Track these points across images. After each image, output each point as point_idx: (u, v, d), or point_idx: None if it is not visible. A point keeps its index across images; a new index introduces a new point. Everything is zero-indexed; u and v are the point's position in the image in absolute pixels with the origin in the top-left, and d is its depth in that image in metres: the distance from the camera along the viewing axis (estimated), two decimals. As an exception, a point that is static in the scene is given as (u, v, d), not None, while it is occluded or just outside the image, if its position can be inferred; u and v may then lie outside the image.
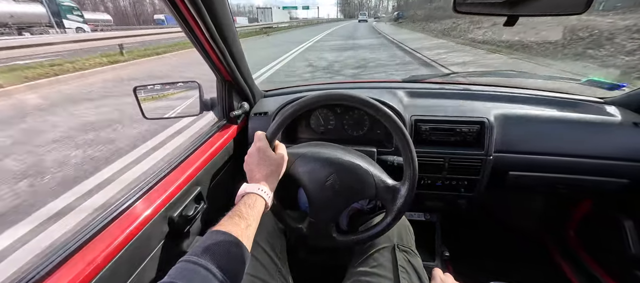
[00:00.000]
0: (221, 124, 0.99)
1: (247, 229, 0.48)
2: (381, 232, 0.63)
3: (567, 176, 0.93)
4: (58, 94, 5.42)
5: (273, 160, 0.60)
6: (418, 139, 0.95)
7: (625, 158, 0.89)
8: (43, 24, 11.72)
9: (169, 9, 0.60)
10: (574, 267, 1.21)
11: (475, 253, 1.28)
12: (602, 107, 1.02)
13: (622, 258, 1.03)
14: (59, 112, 4.30)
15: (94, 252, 0.50)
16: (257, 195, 0.54)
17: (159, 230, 0.65)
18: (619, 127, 0.90)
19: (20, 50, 6.12)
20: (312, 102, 0.63)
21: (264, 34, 18.18)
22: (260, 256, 0.68)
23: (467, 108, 0.98)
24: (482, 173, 0.94)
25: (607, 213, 1.11)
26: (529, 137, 0.93)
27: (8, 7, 10.82)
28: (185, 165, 0.78)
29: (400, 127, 0.59)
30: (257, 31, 19.16)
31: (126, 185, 2.30)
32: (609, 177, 0.91)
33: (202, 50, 0.76)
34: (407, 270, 0.66)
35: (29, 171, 2.57)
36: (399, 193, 0.61)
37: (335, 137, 1.02)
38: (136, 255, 0.58)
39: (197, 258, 0.39)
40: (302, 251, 1.18)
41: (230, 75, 0.90)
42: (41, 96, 5.23)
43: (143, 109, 0.88)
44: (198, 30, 0.68)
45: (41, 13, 11.66)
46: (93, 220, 0.56)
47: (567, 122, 0.93)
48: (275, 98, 1.12)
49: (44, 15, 11.71)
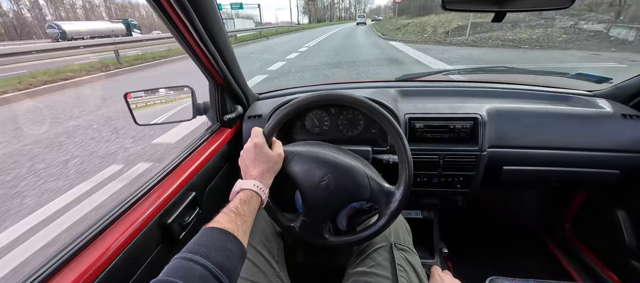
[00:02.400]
0: (215, 128, 0.99)
1: (243, 225, 0.47)
2: (373, 234, 0.63)
3: (560, 169, 0.95)
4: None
5: (269, 157, 0.59)
6: (412, 137, 0.95)
7: (615, 150, 0.91)
8: (123, 34, 20.91)
9: (157, 14, 0.60)
10: (570, 258, 1.22)
11: (473, 249, 1.29)
12: (591, 99, 1.04)
13: (616, 248, 1.05)
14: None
15: (86, 263, 0.49)
16: (252, 192, 0.54)
17: (154, 238, 0.64)
18: (608, 119, 0.92)
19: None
20: (309, 102, 0.63)
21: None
22: (257, 260, 0.67)
23: (460, 105, 0.99)
24: (477, 169, 0.94)
25: (601, 205, 1.12)
26: (521, 132, 0.94)
27: (109, 25, 20.88)
28: (179, 170, 0.77)
29: (397, 131, 0.60)
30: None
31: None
32: (601, 169, 0.93)
33: (193, 55, 0.76)
34: (405, 268, 0.66)
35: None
36: (394, 197, 0.61)
37: (331, 138, 1.02)
38: (130, 265, 0.56)
39: (192, 254, 0.38)
40: (301, 253, 1.18)
41: (222, 79, 0.89)
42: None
43: (134, 116, 0.87)
44: (188, 34, 0.67)
45: (122, 28, 21.88)
46: (84, 229, 0.55)
47: (558, 115, 0.95)
48: (269, 100, 1.11)
49: (123, 29, 21.75)
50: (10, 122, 4.24)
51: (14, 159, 2.93)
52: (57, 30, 16.91)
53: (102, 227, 0.55)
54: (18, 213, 2.05)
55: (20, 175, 2.59)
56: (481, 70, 1.28)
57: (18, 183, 2.46)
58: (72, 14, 64.82)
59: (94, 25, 19.88)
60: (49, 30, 17.14)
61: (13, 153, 3.08)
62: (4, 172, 2.66)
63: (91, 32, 18.14)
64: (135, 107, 0.88)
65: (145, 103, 0.93)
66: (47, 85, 6.01)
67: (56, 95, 5.76)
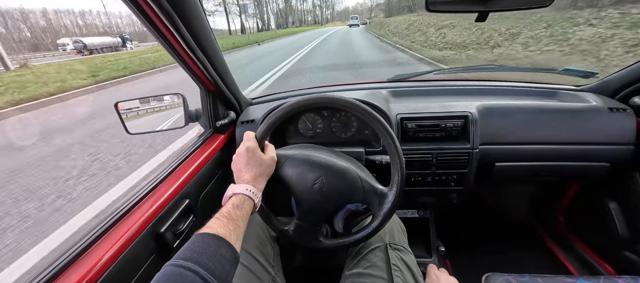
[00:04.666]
0: (208, 135, 0.98)
1: (236, 230, 0.46)
2: (367, 236, 0.63)
3: (550, 163, 0.96)
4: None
5: (262, 161, 0.59)
6: (405, 137, 0.96)
7: (603, 143, 0.92)
8: (119, 47, 26.07)
9: (144, 24, 0.60)
10: (566, 251, 1.24)
11: (469, 246, 1.30)
12: (578, 94, 1.06)
13: (610, 240, 1.06)
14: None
15: (76, 276, 0.48)
16: (245, 196, 0.53)
17: (147, 248, 0.63)
18: (596, 113, 0.94)
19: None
20: (301, 105, 0.64)
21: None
22: (252, 265, 0.67)
23: (451, 103, 1.00)
24: (470, 167, 0.95)
25: (594, 197, 1.14)
26: (512, 128, 0.95)
27: (105, 40, 25.23)
28: (172, 178, 0.76)
29: (388, 132, 0.61)
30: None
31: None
32: (591, 162, 0.94)
33: (182, 62, 0.76)
34: (400, 268, 0.66)
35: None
36: (386, 198, 0.61)
37: (324, 140, 1.02)
38: (122, 276, 0.56)
39: (183, 261, 0.37)
40: (297, 257, 1.17)
41: (213, 85, 0.89)
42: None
43: (126, 125, 0.87)
44: (175, 42, 0.67)
45: (118, 41, 26.23)
46: (74, 241, 0.54)
47: (546, 111, 0.96)
48: (261, 105, 1.11)
49: (119, 42, 26.24)
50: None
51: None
52: (81, 44, 22.45)
53: (93, 238, 0.54)
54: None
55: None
56: (471, 68, 1.30)
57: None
58: (78, 31, 70.44)
59: (102, 40, 25.12)
60: (75, 44, 22.71)
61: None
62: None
63: (101, 44, 23.95)
64: (126, 117, 0.88)
65: (136, 113, 0.93)
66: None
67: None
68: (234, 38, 29.56)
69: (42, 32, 46.32)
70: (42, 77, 8.41)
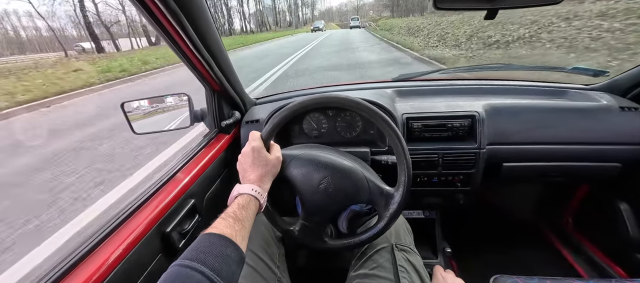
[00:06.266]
0: (213, 135, 0.98)
1: (242, 230, 0.46)
2: (374, 237, 0.63)
3: (560, 164, 0.94)
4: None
5: (267, 161, 0.59)
6: (411, 136, 0.95)
7: (615, 143, 0.90)
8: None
9: (149, 23, 0.60)
10: (575, 254, 1.21)
11: (477, 247, 1.28)
12: (589, 93, 1.04)
13: (620, 241, 1.04)
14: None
15: (83, 275, 0.48)
16: (250, 196, 0.53)
17: (153, 247, 0.63)
18: (607, 112, 0.92)
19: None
20: (306, 105, 0.63)
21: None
22: (257, 265, 0.67)
23: (458, 103, 0.99)
24: (477, 167, 0.94)
25: (604, 198, 1.12)
26: (520, 128, 0.94)
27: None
28: (178, 178, 0.76)
29: (395, 131, 0.60)
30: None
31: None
32: (601, 162, 0.92)
33: (188, 62, 0.76)
34: (407, 269, 0.66)
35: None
36: (393, 198, 0.60)
37: (329, 140, 1.01)
38: (129, 276, 0.56)
39: (189, 261, 0.37)
40: (303, 257, 1.17)
41: (218, 85, 0.89)
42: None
43: (132, 125, 0.87)
44: (181, 42, 0.67)
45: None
46: (81, 241, 0.54)
47: (556, 110, 0.94)
48: (266, 105, 1.11)
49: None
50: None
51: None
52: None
53: (100, 238, 0.55)
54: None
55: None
56: (478, 67, 1.29)
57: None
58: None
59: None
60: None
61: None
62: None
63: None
64: (132, 116, 0.88)
65: (142, 112, 0.93)
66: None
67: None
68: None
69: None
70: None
